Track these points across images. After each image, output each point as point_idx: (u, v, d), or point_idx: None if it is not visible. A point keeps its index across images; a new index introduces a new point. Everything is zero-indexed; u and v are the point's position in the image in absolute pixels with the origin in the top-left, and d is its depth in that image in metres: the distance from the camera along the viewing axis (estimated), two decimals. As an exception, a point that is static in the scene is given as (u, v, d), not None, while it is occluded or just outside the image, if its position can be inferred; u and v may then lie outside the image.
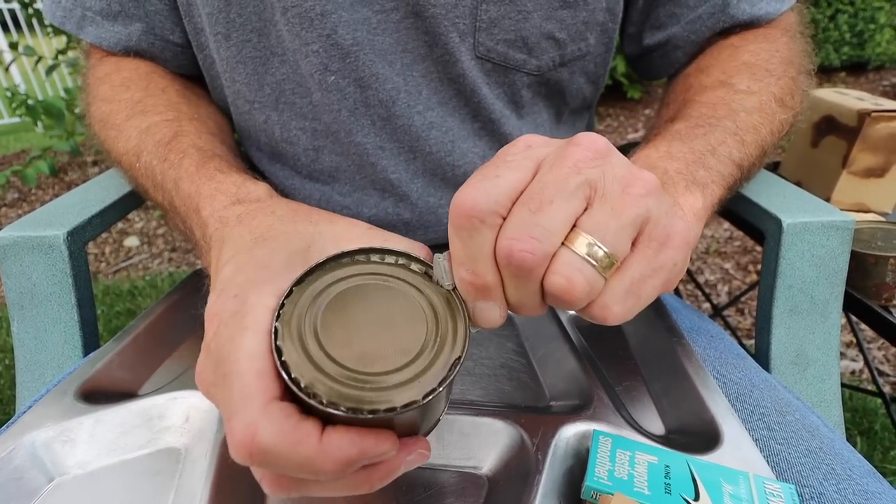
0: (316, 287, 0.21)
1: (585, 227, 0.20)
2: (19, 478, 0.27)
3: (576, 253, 0.20)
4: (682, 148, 0.32)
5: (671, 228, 0.21)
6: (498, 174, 0.20)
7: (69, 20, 0.43)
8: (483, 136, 0.43)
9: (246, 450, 0.18)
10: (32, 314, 0.41)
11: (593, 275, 0.20)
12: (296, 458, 0.18)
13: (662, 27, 0.44)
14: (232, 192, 0.30)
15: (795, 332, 0.42)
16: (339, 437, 0.19)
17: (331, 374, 0.19)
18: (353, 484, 0.20)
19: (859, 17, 2.50)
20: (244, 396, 0.19)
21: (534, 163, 0.21)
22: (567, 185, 0.20)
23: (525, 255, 0.19)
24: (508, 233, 0.20)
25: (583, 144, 0.21)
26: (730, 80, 0.38)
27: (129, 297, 1.48)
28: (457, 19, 0.37)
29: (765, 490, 0.24)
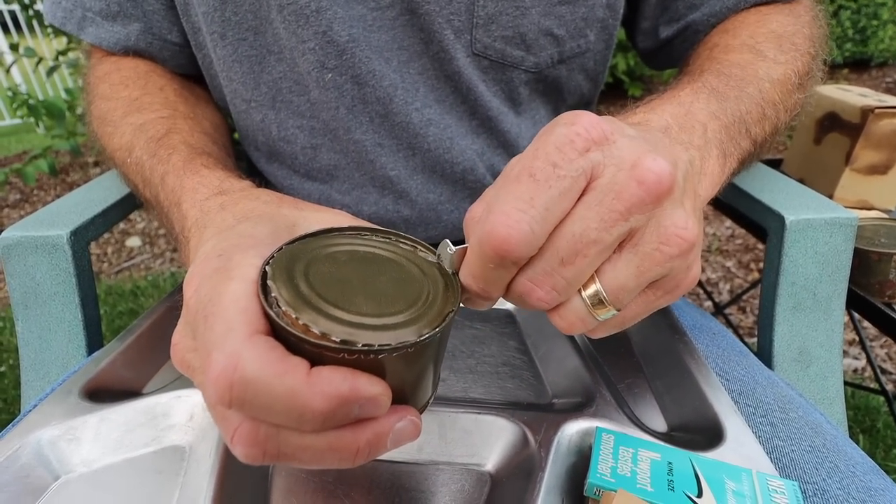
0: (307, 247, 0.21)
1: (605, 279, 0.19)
2: (26, 476, 0.27)
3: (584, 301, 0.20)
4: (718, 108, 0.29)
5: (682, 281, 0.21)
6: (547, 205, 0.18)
7: (69, 21, 0.44)
8: (481, 134, 0.43)
9: (226, 381, 0.16)
10: (36, 314, 0.41)
11: (592, 321, 0.20)
12: (281, 391, 0.16)
13: (681, 18, 0.43)
14: (215, 185, 0.29)
15: (798, 330, 0.41)
16: (329, 371, 0.17)
17: (321, 310, 0.18)
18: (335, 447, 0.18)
19: (862, 14, 2.49)
20: (227, 330, 0.17)
21: (587, 178, 0.19)
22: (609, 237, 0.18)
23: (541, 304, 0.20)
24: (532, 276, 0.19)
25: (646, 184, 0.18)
26: (758, 46, 0.36)
27: (132, 296, 1.49)
28: (451, 16, 0.37)
29: (768, 487, 0.24)
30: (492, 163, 0.43)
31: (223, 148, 0.41)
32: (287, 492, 0.27)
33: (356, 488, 0.27)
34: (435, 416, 0.29)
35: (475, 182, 0.43)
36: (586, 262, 0.19)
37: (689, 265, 0.21)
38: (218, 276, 0.19)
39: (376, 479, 0.27)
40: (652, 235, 0.19)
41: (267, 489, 0.27)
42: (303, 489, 0.27)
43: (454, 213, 0.44)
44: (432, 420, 0.29)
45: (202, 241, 0.24)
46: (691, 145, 0.26)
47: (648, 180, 0.18)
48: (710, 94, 0.30)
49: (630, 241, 0.19)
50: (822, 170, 0.59)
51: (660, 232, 0.19)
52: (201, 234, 0.25)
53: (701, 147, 0.26)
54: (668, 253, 0.19)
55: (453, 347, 0.37)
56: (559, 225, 0.19)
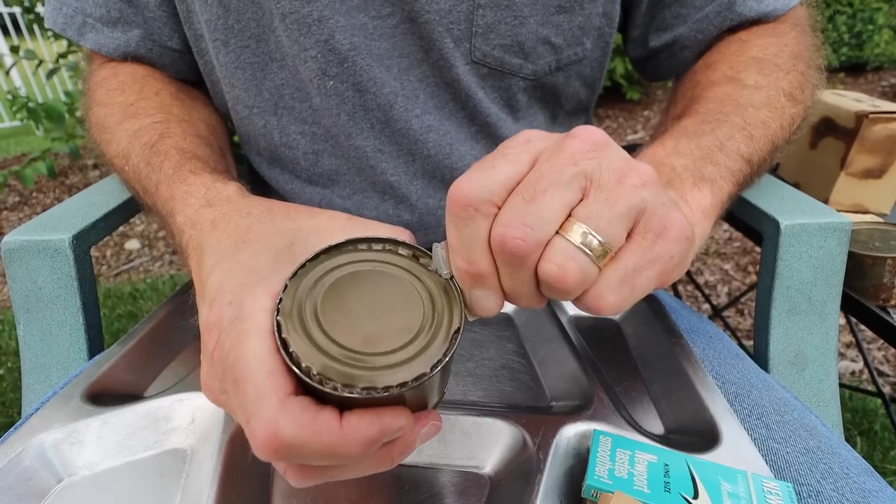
0: (310, 279, 0.21)
1: (579, 216, 0.20)
2: (29, 478, 0.27)
3: (569, 241, 0.20)
4: (689, 144, 0.32)
5: (668, 220, 0.21)
6: (494, 165, 0.21)
7: (70, 27, 0.44)
8: (480, 140, 0.43)
9: (271, 447, 0.18)
10: (38, 317, 0.42)
11: (587, 263, 0.20)
12: (319, 447, 0.19)
13: (668, 28, 0.44)
14: (201, 194, 0.30)
15: (794, 333, 0.42)
16: (357, 420, 0.19)
17: (339, 359, 0.19)
18: (376, 462, 0.21)
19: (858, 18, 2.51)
20: (259, 397, 0.19)
21: (531, 155, 0.21)
22: (562, 176, 0.20)
23: (518, 243, 0.19)
24: (502, 220, 0.20)
25: (580, 137, 0.21)
26: (738, 76, 0.38)
27: (131, 299, 1.49)
28: (451, 25, 0.38)
29: (763, 489, 0.24)
30: None
31: (217, 150, 0.41)
32: (288, 494, 0.27)
33: (356, 491, 0.27)
34: (434, 418, 0.29)
35: None
36: (549, 196, 0.20)
37: (665, 203, 0.21)
38: (236, 331, 0.20)
39: (376, 482, 0.28)
40: (608, 175, 0.20)
41: (268, 492, 0.27)
42: (303, 491, 0.27)
43: None
44: (432, 423, 0.29)
45: (203, 269, 0.25)
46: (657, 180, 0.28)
47: (581, 134, 0.21)
48: (679, 136, 0.33)
49: (591, 185, 0.20)
50: (818, 174, 0.60)
51: (614, 170, 0.21)
52: (200, 258, 0.25)
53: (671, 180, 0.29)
54: (629, 183, 0.20)
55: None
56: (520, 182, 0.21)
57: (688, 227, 0.22)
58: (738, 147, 0.33)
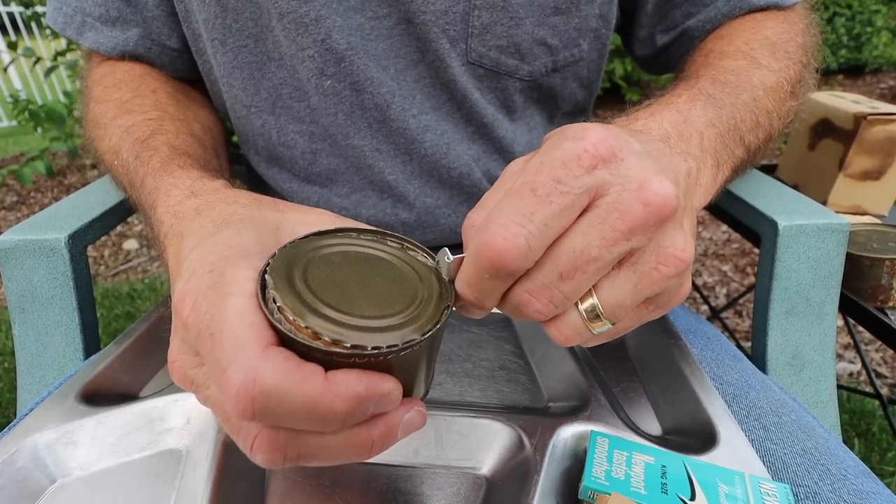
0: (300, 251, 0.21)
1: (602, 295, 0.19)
2: (22, 479, 0.27)
3: (581, 316, 0.20)
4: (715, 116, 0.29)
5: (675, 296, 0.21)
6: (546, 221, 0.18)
7: (69, 26, 0.44)
8: (477, 140, 0.43)
9: (247, 395, 0.17)
10: (33, 317, 0.41)
11: (588, 334, 0.21)
12: (302, 398, 0.17)
13: (678, 26, 0.44)
14: (186, 186, 0.29)
15: (792, 334, 0.42)
16: (344, 374, 0.18)
17: (329, 317, 0.18)
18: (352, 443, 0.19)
19: (856, 21, 2.52)
20: (238, 346, 0.17)
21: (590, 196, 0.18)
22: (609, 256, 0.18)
23: (537, 315, 0.20)
24: (529, 287, 0.19)
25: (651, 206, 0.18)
26: (752, 53, 0.37)
27: (129, 299, 1.48)
28: (447, 26, 0.38)
29: (760, 490, 0.24)
30: (488, 168, 0.44)
31: (210, 150, 0.40)
32: (283, 495, 0.27)
33: (352, 491, 0.27)
34: (431, 419, 0.29)
35: (472, 186, 0.43)
36: (585, 278, 0.19)
37: (682, 283, 0.21)
38: (215, 293, 0.19)
39: (372, 483, 0.28)
40: (651, 255, 0.19)
41: (263, 492, 0.27)
42: (299, 492, 0.27)
43: (451, 217, 0.44)
44: (428, 423, 0.29)
45: (182, 250, 0.23)
46: (689, 155, 0.26)
47: (654, 203, 0.18)
48: (706, 102, 0.30)
49: (629, 259, 0.19)
50: (816, 175, 0.60)
51: (659, 252, 0.19)
52: (180, 243, 0.24)
53: (697, 157, 0.27)
54: (665, 273, 0.19)
55: (450, 351, 0.37)
56: (559, 239, 0.19)
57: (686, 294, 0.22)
58: (745, 133, 0.32)
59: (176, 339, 0.20)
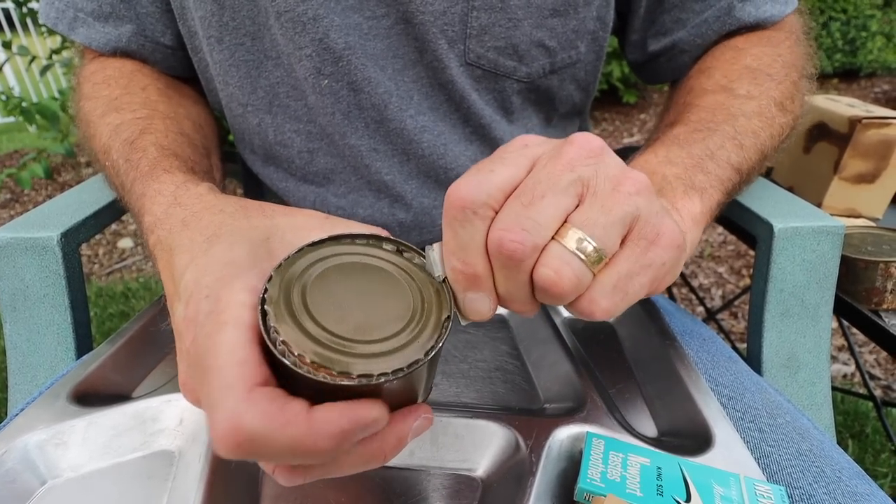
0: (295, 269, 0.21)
1: (575, 222, 0.20)
2: (12, 480, 0.27)
3: (565, 246, 0.20)
4: (680, 153, 0.32)
5: (661, 227, 0.21)
6: (493, 169, 0.21)
7: (61, 21, 0.44)
8: (474, 141, 0.43)
9: (232, 439, 0.17)
10: (25, 316, 0.41)
11: (581, 268, 0.20)
12: (285, 441, 0.17)
13: (668, 33, 0.44)
14: (170, 192, 0.29)
15: (787, 336, 0.42)
16: (326, 410, 0.18)
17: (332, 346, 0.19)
18: (366, 458, 0.20)
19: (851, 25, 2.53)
20: (224, 387, 0.18)
21: (529, 160, 0.21)
22: (560, 182, 0.20)
23: (515, 246, 0.20)
24: (500, 224, 0.20)
25: (577, 143, 0.21)
26: (730, 85, 0.38)
27: (123, 298, 1.47)
28: (445, 27, 0.37)
29: (755, 492, 0.24)
30: None
31: (200, 149, 0.40)
32: (276, 497, 0.27)
33: (347, 493, 0.27)
34: (426, 420, 0.29)
35: None
36: (546, 201, 0.20)
37: (658, 211, 0.22)
38: (210, 323, 0.19)
39: (367, 485, 0.27)
40: (604, 181, 0.21)
41: (256, 494, 0.27)
42: (293, 494, 0.27)
43: None
44: (424, 425, 0.29)
45: (176, 267, 0.23)
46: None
47: (579, 140, 0.21)
48: (670, 145, 0.33)
49: (587, 192, 0.21)
50: (812, 178, 0.60)
51: (610, 177, 0.21)
52: (171, 258, 0.24)
53: (662, 189, 0.30)
54: (624, 191, 0.21)
55: (446, 352, 0.37)
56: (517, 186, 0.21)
57: (679, 234, 0.22)
58: (729, 156, 0.33)
59: (182, 363, 0.21)
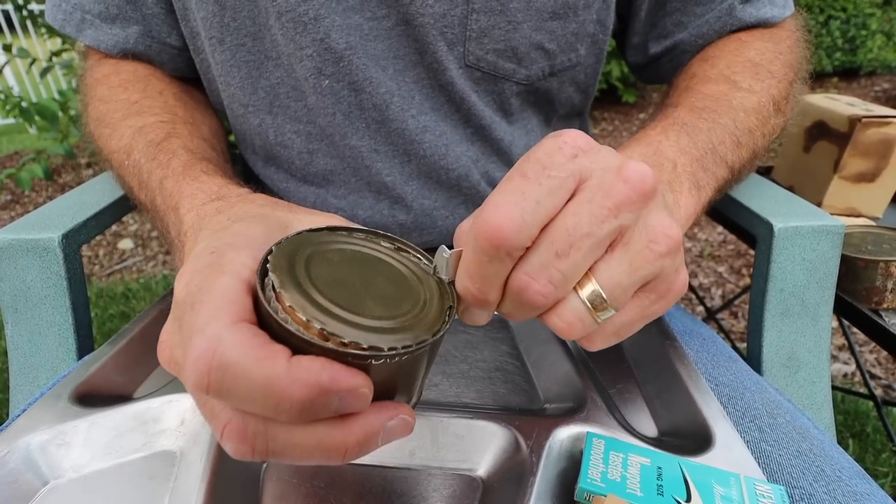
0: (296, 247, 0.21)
1: (600, 277, 0.20)
2: (14, 481, 0.27)
3: (582, 301, 0.20)
4: (689, 143, 0.32)
5: (673, 284, 0.21)
6: (538, 199, 0.19)
7: (69, 23, 0.44)
8: (475, 142, 0.43)
9: (205, 364, 0.16)
10: (27, 317, 0.41)
11: (591, 322, 0.21)
12: (259, 377, 0.16)
13: (669, 35, 0.44)
14: (213, 191, 0.30)
15: (787, 336, 0.42)
16: (308, 360, 0.17)
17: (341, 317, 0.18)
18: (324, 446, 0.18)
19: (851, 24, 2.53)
20: (211, 317, 0.17)
21: (576, 180, 0.20)
22: (601, 232, 0.19)
23: (538, 298, 0.19)
24: (528, 269, 0.19)
25: (632, 182, 0.19)
26: (733, 77, 0.38)
27: (123, 299, 1.48)
28: (445, 29, 0.38)
29: (755, 491, 0.24)
30: (486, 170, 0.44)
31: (221, 154, 0.41)
32: (278, 497, 0.27)
33: (347, 494, 0.27)
34: (427, 421, 0.29)
35: (470, 188, 0.43)
36: (580, 255, 0.19)
37: (677, 267, 0.22)
38: (210, 270, 0.19)
39: (368, 485, 0.28)
40: (641, 234, 0.20)
41: (258, 495, 0.27)
42: (294, 494, 0.27)
43: (449, 219, 0.44)
44: (424, 425, 0.29)
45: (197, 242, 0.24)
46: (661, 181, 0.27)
47: (633, 179, 0.19)
48: (679, 130, 0.32)
49: (621, 240, 0.20)
50: (811, 177, 0.60)
51: (647, 231, 0.20)
52: (196, 236, 0.25)
53: (671, 181, 0.29)
54: (657, 251, 0.20)
55: (446, 352, 0.37)
56: (552, 221, 0.20)
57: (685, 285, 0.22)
58: (726, 154, 0.33)
59: (169, 320, 0.20)
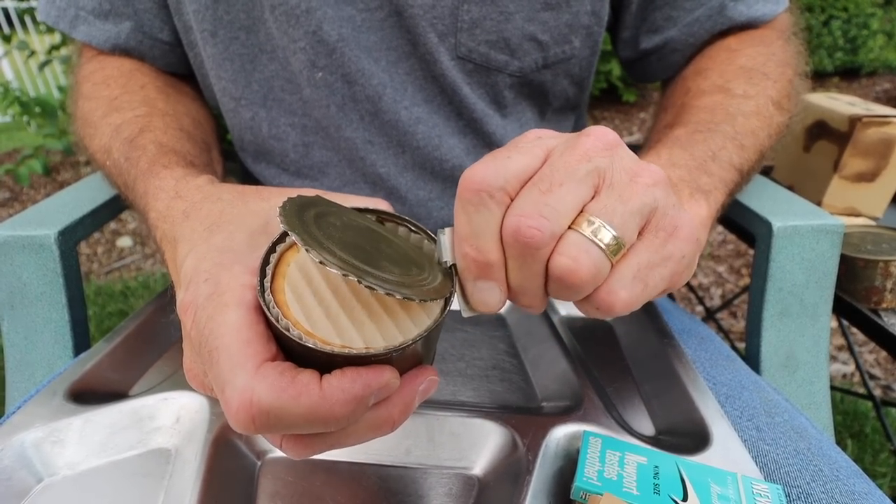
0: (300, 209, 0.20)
1: (593, 211, 0.20)
2: (8, 478, 0.27)
3: (583, 234, 0.19)
4: (683, 155, 0.32)
5: (678, 220, 0.21)
6: (509, 156, 0.20)
7: (62, 19, 0.44)
8: (468, 134, 0.43)
9: (247, 415, 0.17)
10: (23, 314, 0.41)
11: (600, 257, 0.19)
12: (300, 411, 0.18)
13: (659, 31, 0.44)
14: (171, 187, 0.29)
15: (785, 335, 0.42)
16: (338, 379, 0.18)
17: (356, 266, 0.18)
18: (374, 425, 0.20)
19: (852, 23, 2.53)
20: (233, 366, 0.18)
21: (544, 151, 0.21)
22: (577, 171, 0.20)
23: (533, 232, 0.19)
24: (517, 210, 0.20)
25: (593, 136, 0.21)
26: (727, 85, 0.38)
27: (122, 297, 1.47)
28: (435, 20, 0.37)
29: (752, 490, 0.24)
30: None
31: (200, 144, 0.40)
32: (273, 495, 0.27)
33: (343, 491, 0.27)
34: (423, 418, 0.29)
35: None
36: (565, 190, 0.20)
37: (675, 203, 0.21)
38: (212, 305, 0.19)
39: (363, 483, 0.27)
40: (622, 174, 0.21)
41: (253, 492, 0.27)
42: (289, 492, 0.27)
43: (444, 210, 0.44)
44: (420, 423, 0.29)
45: (178, 258, 0.24)
46: None
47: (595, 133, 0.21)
48: (672, 146, 0.33)
49: (604, 182, 0.20)
50: (811, 177, 0.60)
51: (627, 169, 0.21)
52: (175, 249, 0.25)
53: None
54: (642, 182, 0.20)
55: (443, 350, 0.37)
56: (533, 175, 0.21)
57: (696, 227, 0.22)
58: (730, 157, 0.33)
59: (187, 348, 0.21)
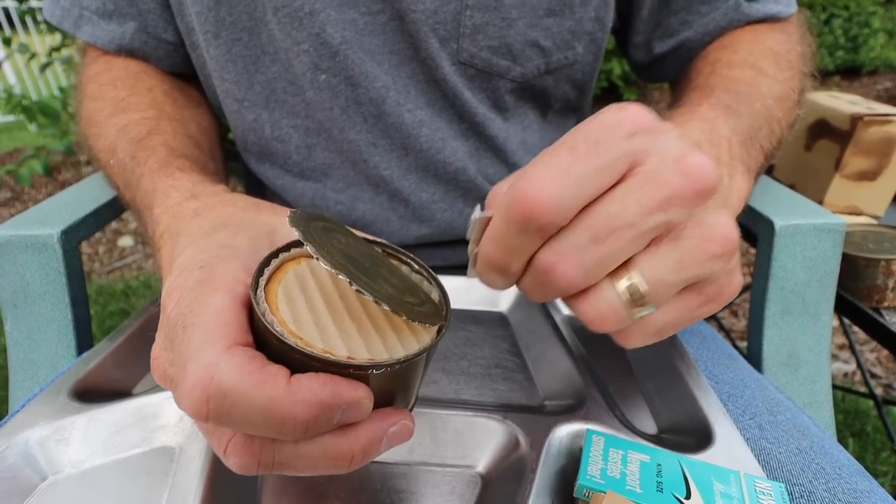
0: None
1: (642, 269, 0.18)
2: (13, 476, 0.27)
3: (618, 293, 0.18)
4: (737, 124, 0.30)
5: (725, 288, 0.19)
6: (583, 177, 0.17)
7: (67, 19, 0.44)
8: (470, 137, 0.43)
9: (203, 393, 0.16)
10: (26, 313, 0.41)
11: (626, 318, 0.18)
12: (261, 401, 0.16)
13: (674, 34, 0.44)
14: (187, 188, 0.29)
15: (787, 334, 0.42)
16: (309, 378, 0.17)
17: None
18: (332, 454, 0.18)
19: (853, 22, 2.52)
20: (204, 342, 0.16)
21: (628, 163, 0.17)
22: (645, 224, 0.17)
23: (564, 281, 0.17)
24: (558, 248, 0.18)
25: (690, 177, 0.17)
26: (758, 63, 0.37)
27: (123, 296, 1.48)
28: (437, 25, 0.37)
29: (755, 489, 0.24)
30: (482, 165, 0.44)
31: (206, 151, 0.40)
32: (277, 493, 0.27)
33: (346, 489, 0.27)
34: (426, 417, 0.29)
35: (467, 182, 0.43)
36: (618, 246, 0.17)
37: (732, 271, 0.19)
38: (201, 288, 0.18)
39: (367, 481, 0.27)
40: (694, 230, 0.18)
41: (256, 490, 0.27)
42: (293, 490, 0.27)
43: (447, 212, 0.44)
44: (424, 421, 0.29)
45: (177, 249, 0.23)
46: (721, 162, 0.26)
47: (692, 174, 0.17)
48: (726, 111, 0.30)
49: (670, 234, 0.18)
50: (813, 176, 0.60)
51: (703, 228, 0.18)
52: (175, 242, 0.24)
53: (728, 164, 0.27)
54: (710, 251, 0.18)
55: (446, 349, 0.37)
56: (594, 203, 0.18)
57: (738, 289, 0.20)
58: (763, 140, 0.33)
59: (160, 335, 0.20)
